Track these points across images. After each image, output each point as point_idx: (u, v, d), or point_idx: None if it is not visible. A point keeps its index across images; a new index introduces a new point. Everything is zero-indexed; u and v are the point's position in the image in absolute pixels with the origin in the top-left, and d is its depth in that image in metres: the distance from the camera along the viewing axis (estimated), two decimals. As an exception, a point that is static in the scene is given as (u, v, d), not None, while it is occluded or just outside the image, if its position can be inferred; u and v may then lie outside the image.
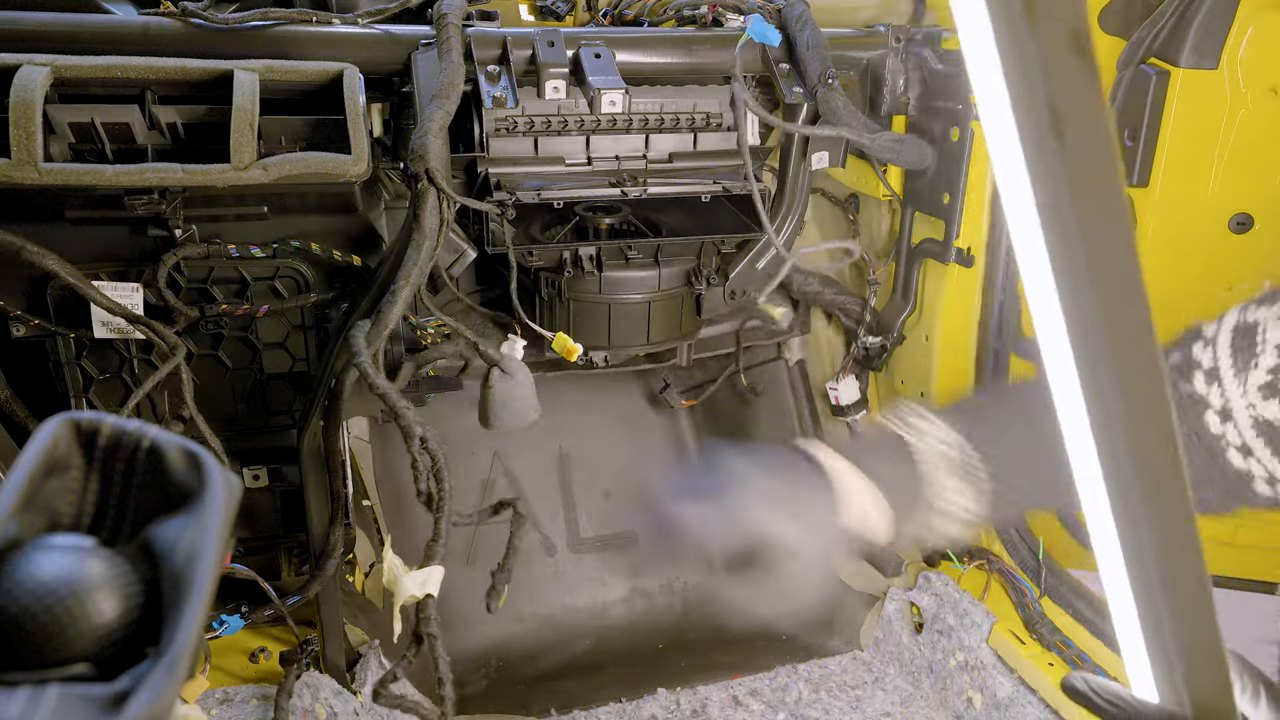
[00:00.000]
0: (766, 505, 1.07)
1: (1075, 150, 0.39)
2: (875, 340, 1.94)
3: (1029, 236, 0.43)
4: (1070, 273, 0.43)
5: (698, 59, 1.63)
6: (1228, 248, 1.57)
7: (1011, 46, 0.39)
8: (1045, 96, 0.39)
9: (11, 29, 1.36)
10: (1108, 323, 0.44)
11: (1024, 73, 0.39)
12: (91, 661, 0.39)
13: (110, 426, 0.44)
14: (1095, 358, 0.46)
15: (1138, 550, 0.52)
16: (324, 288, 1.55)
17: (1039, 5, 0.38)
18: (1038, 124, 0.39)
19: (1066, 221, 0.41)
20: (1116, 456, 0.49)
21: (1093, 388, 0.47)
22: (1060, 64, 0.38)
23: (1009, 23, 0.39)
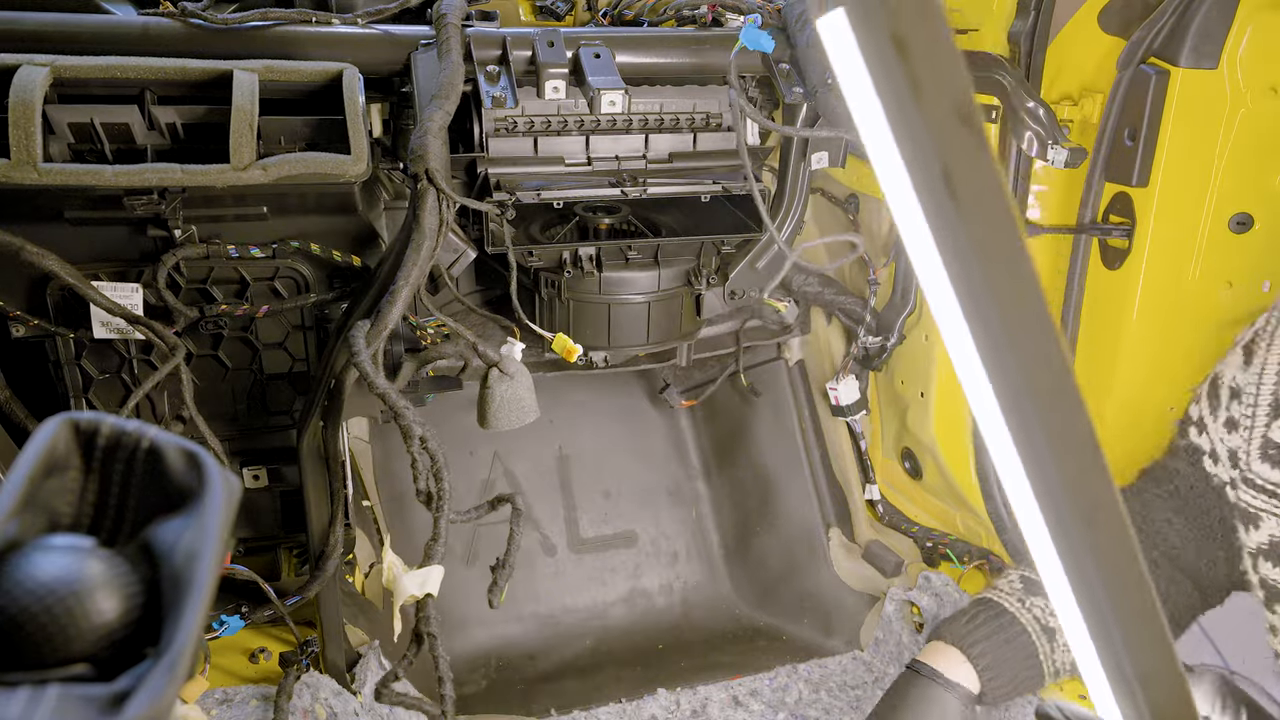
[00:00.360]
0: None
1: (970, 208, 0.44)
2: (875, 340, 1.94)
3: (939, 291, 0.47)
4: (981, 317, 0.46)
5: (697, 59, 1.63)
6: (1228, 248, 1.57)
7: (901, 122, 0.43)
8: (939, 166, 0.43)
9: (11, 29, 1.36)
10: (1019, 358, 0.47)
11: (915, 144, 0.43)
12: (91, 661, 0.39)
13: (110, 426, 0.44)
14: (1015, 391, 0.48)
15: (1086, 587, 0.54)
16: (324, 288, 1.55)
17: (924, 85, 0.42)
18: (934, 188, 0.44)
19: (972, 271, 0.45)
20: (1052, 495, 0.51)
21: (1016, 421, 0.50)
22: (949, 134, 0.42)
23: (898, 102, 0.43)
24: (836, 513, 2.15)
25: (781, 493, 2.21)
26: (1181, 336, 1.60)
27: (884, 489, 2.14)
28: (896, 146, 0.45)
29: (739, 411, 2.30)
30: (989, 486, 1.84)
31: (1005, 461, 0.53)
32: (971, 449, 1.84)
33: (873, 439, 2.15)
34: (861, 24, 0.43)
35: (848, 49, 0.44)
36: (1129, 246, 1.58)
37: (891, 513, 2.12)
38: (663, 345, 1.76)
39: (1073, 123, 1.63)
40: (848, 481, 2.17)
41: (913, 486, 2.08)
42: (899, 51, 0.42)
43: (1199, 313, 1.59)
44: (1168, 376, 1.61)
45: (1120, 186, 1.57)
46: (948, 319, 0.48)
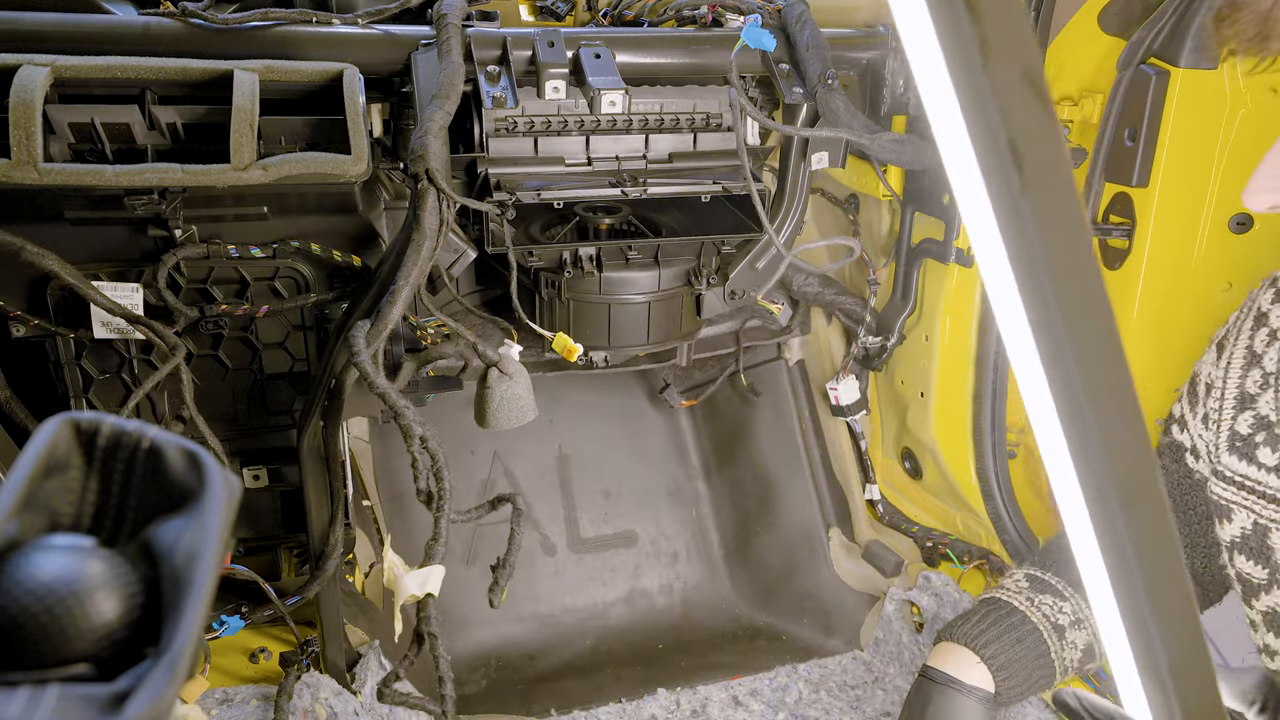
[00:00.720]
0: None
1: (1035, 179, 0.41)
2: (875, 340, 1.94)
3: (998, 268, 0.45)
4: (1042, 305, 0.44)
5: (697, 59, 1.63)
6: (1228, 248, 1.57)
7: (969, 88, 0.41)
8: (1006, 136, 0.41)
9: (11, 29, 1.36)
10: (1077, 344, 0.45)
11: (984, 113, 0.41)
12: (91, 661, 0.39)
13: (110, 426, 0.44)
14: (1069, 380, 0.46)
15: (1126, 574, 0.52)
16: (324, 288, 1.55)
17: (994, 47, 0.39)
18: (1001, 163, 0.41)
19: (1035, 255, 0.43)
20: (1096, 476, 0.49)
21: (1066, 405, 0.48)
22: (1018, 103, 0.40)
23: (966, 65, 0.40)
24: (836, 513, 2.15)
25: (781, 493, 2.21)
26: (1181, 336, 1.60)
27: (884, 489, 2.14)
28: (961, 113, 0.42)
29: (739, 411, 2.30)
30: (989, 486, 1.84)
31: (1050, 434, 0.51)
32: (972, 449, 1.84)
33: (873, 439, 2.15)
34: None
35: (915, 10, 0.42)
36: (1129, 247, 1.58)
37: (891, 513, 2.12)
38: (663, 345, 1.76)
39: (1073, 123, 1.63)
40: (848, 481, 2.17)
41: (913, 486, 2.08)
42: (970, 11, 0.40)
43: (1199, 313, 1.59)
44: (1168, 376, 1.61)
45: (1120, 187, 1.57)
46: (1002, 292, 0.46)
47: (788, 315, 2.05)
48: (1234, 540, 1.10)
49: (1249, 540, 1.08)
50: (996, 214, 0.43)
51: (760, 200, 1.60)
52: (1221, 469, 1.10)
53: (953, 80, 0.42)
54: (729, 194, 1.67)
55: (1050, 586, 1.24)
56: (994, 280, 0.46)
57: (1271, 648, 1.10)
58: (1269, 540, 1.05)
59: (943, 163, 0.46)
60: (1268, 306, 1.09)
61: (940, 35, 0.41)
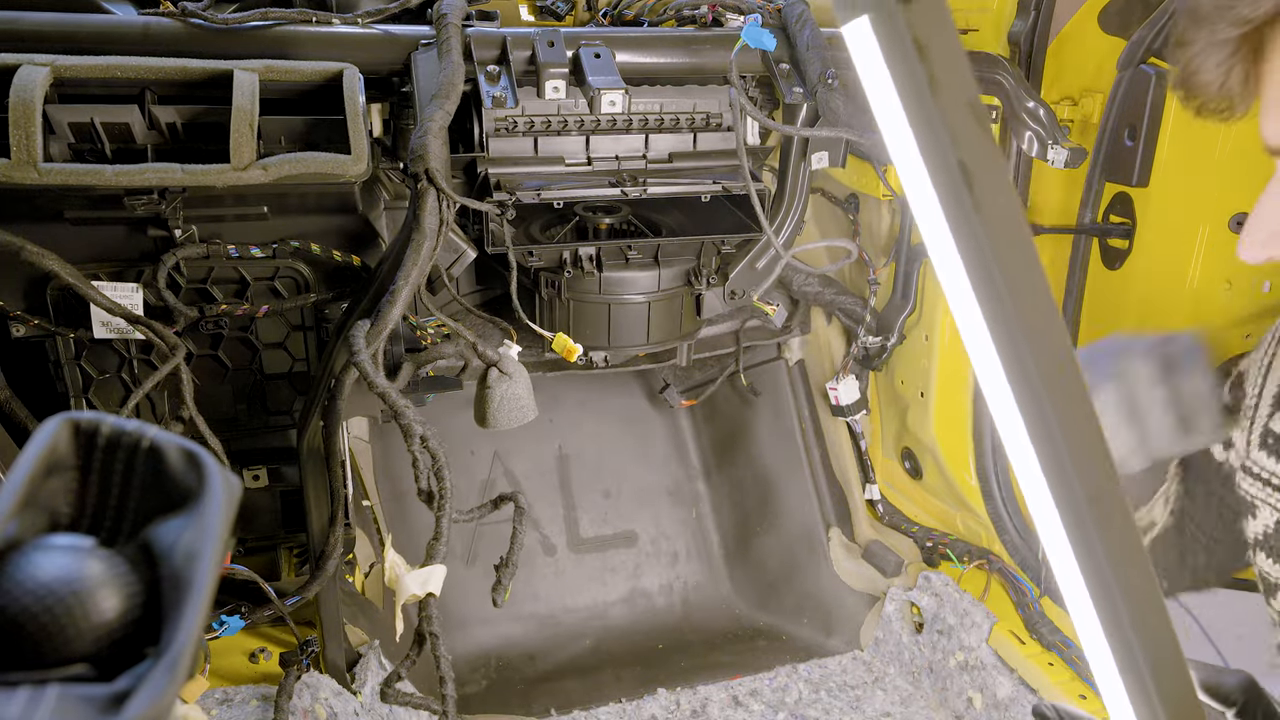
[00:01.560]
0: None
1: (986, 200, 0.48)
2: (875, 340, 1.94)
3: (954, 276, 0.51)
4: (993, 300, 0.50)
5: (697, 59, 1.62)
6: (1228, 248, 1.57)
7: (921, 118, 0.48)
8: (956, 159, 0.47)
9: (11, 29, 1.36)
10: (1029, 338, 0.51)
11: (935, 138, 0.48)
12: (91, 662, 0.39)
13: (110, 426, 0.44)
14: (1025, 373, 0.52)
15: (1103, 586, 0.56)
16: (324, 288, 1.55)
17: (941, 83, 0.47)
18: (952, 181, 0.48)
19: (986, 259, 0.49)
20: (1065, 482, 0.54)
21: (1028, 406, 0.53)
22: (965, 129, 0.47)
23: (918, 100, 0.47)
24: (836, 513, 2.15)
25: (781, 493, 2.21)
26: (1181, 336, 1.60)
27: (884, 489, 2.14)
28: (916, 141, 0.49)
29: (739, 411, 2.30)
30: (989, 486, 1.84)
31: (1019, 453, 0.56)
32: (972, 449, 1.84)
33: (873, 439, 2.15)
34: (884, 29, 0.48)
35: (871, 53, 0.49)
36: (1129, 246, 1.58)
37: (891, 513, 2.12)
38: (663, 345, 1.76)
39: (1073, 123, 1.63)
40: (848, 481, 2.17)
41: (913, 486, 2.08)
42: (920, 53, 0.46)
43: (1199, 313, 1.59)
44: (1168, 376, 1.61)
45: (1120, 186, 1.57)
46: (962, 304, 0.52)
47: (783, 316, 2.05)
48: (1257, 537, 1.10)
49: (1270, 539, 1.08)
50: (951, 227, 0.50)
51: (760, 200, 1.60)
52: (1250, 464, 1.10)
53: (906, 112, 0.49)
54: (729, 194, 1.67)
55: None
56: (951, 285, 0.52)
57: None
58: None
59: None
60: None
61: (894, 74, 0.48)
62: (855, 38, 0.50)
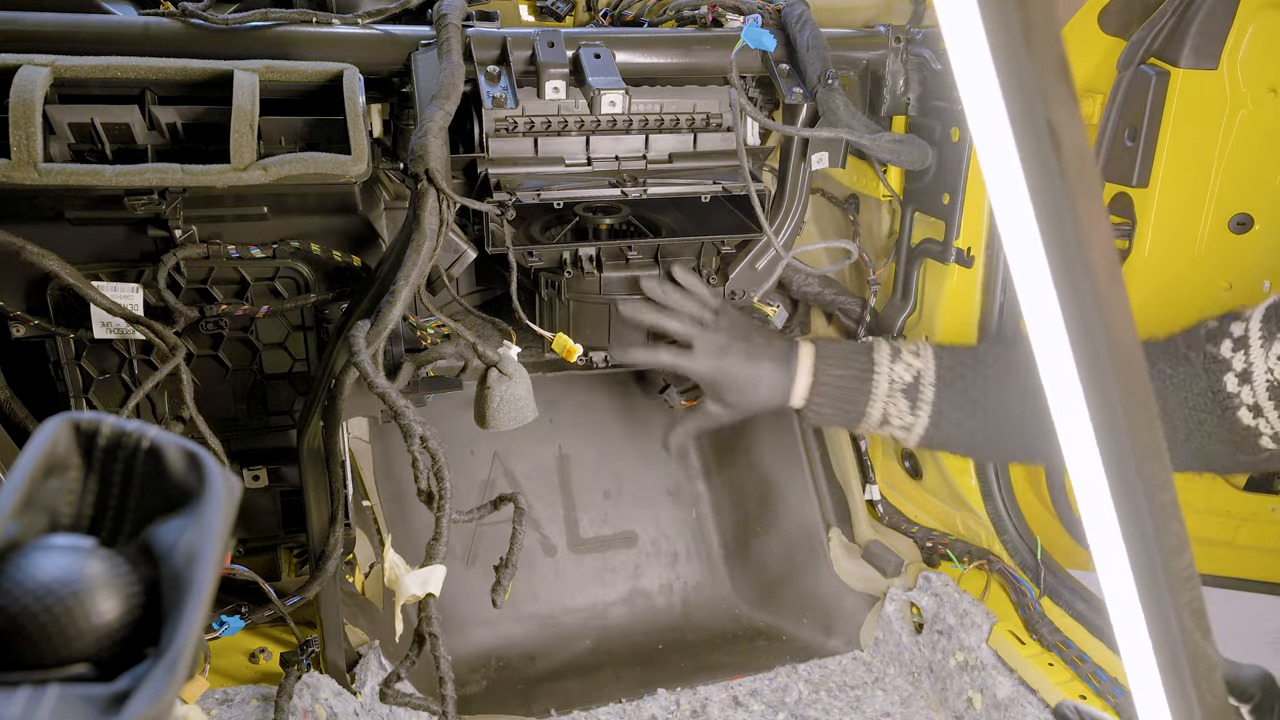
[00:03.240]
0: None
1: (1070, 162, 0.45)
2: (875, 340, 1.94)
3: (1025, 237, 0.48)
4: (1068, 267, 0.48)
5: (697, 59, 1.63)
6: (1228, 248, 1.57)
7: (1011, 69, 0.45)
8: (1045, 118, 0.45)
9: (11, 29, 1.36)
10: (1106, 325, 0.49)
11: (1025, 95, 0.45)
12: (91, 662, 0.39)
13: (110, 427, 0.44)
14: (1094, 349, 0.50)
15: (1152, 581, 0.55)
16: (324, 288, 1.55)
17: (1034, 36, 0.44)
18: (1039, 140, 0.45)
19: (1066, 223, 0.47)
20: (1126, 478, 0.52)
21: (1091, 376, 0.51)
22: (1054, 87, 0.44)
23: (1009, 48, 0.45)
24: (836, 513, 2.15)
25: (781, 493, 2.21)
26: (1181, 337, 1.60)
27: (884, 489, 2.14)
28: (1003, 95, 0.46)
29: (739, 412, 2.30)
30: (989, 487, 1.84)
31: (1071, 419, 0.53)
32: (971, 449, 1.84)
33: (873, 439, 2.15)
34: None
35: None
36: (1129, 247, 1.58)
37: (891, 513, 2.12)
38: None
39: (1073, 123, 1.63)
40: (848, 482, 2.17)
41: (913, 486, 2.08)
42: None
43: (1199, 313, 1.59)
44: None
45: (1120, 187, 1.57)
46: (1029, 263, 0.50)
47: (784, 317, 2.05)
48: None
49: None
50: (1031, 189, 0.47)
51: (760, 201, 1.60)
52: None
53: (994, 62, 0.45)
54: (729, 194, 1.67)
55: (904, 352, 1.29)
56: (1020, 245, 0.50)
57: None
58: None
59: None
60: None
61: (985, 18, 0.45)
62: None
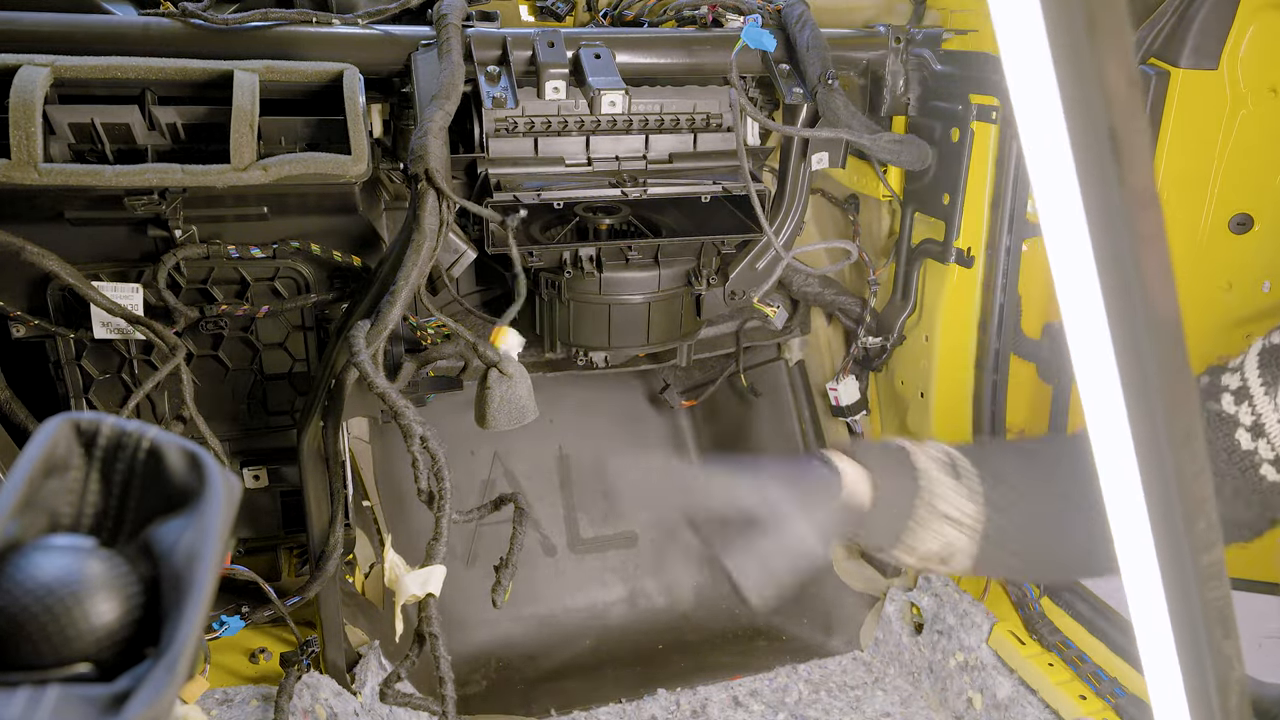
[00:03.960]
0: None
1: (1132, 177, 0.41)
2: (875, 340, 1.94)
3: (1076, 243, 0.44)
4: (1118, 279, 0.44)
5: (697, 60, 1.62)
6: (1228, 248, 1.57)
7: (1072, 67, 0.40)
8: (1108, 125, 0.40)
9: (11, 29, 1.36)
10: (1154, 343, 0.47)
11: (1086, 96, 0.40)
12: (91, 662, 0.39)
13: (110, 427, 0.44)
14: (1140, 359, 0.48)
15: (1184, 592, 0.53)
16: (324, 288, 1.55)
17: (1100, 26, 0.38)
18: (1099, 148, 0.40)
19: (1120, 238, 0.42)
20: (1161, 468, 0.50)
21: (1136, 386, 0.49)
22: (1119, 92, 0.40)
23: (1072, 44, 0.39)
24: (836, 513, 2.15)
25: (781, 493, 2.21)
26: (1182, 337, 1.60)
27: (884, 489, 2.14)
28: (1061, 94, 0.41)
29: (739, 412, 2.30)
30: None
31: (1106, 415, 0.50)
32: (971, 449, 1.84)
33: (873, 439, 2.15)
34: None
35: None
36: (1129, 247, 1.58)
37: (891, 513, 2.12)
38: (663, 345, 1.76)
39: (1073, 123, 1.63)
40: (848, 482, 2.16)
41: (913, 487, 2.08)
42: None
43: (1199, 313, 1.59)
44: (1168, 377, 1.61)
45: (1120, 187, 1.57)
46: (1078, 273, 0.46)
47: (783, 317, 2.05)
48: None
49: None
50: (1085, 198, 0.42)
51: (760, 201, 1.60)
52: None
53: (1054, 58, 0.40)
54: (729, 194, 1.67)
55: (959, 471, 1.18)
56: (1068, 256, 0.45)
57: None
58: None
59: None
60: None
61: (1046, 7, 0.39)
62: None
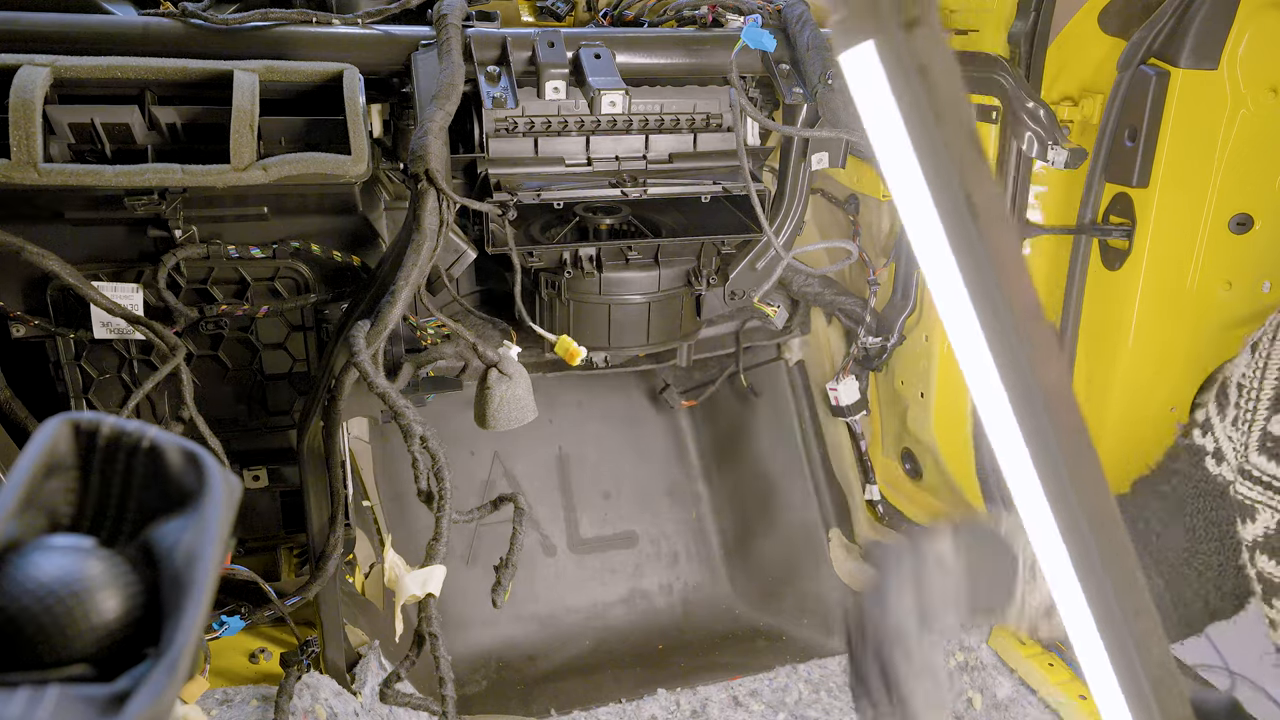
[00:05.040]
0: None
1: (986, 222, 0.50)
2: (875, 340, 1.94)
3: (953, 292, 0.53)
4: (992, 318, 0.52)
5: (697, 60, 1.62)
6: (1228, 248, 1.57)
7: (926, 145, 0.49)
8: (962, 190, 0.49)
9: (11, 29, 1.36)
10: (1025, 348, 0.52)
11: (940, 168, 0.49)
12: (91, 662, 0.39)
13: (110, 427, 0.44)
14: (1023, 388, 0.54)
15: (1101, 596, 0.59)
16: (324, 288, 1.55)
17: (944, 112, 0.48)
18: (957, 209, 0.50)
19: (986, 277, 0.52)
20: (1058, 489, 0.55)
21: (1026, 422, 0.54)
22: (966, 156, 0.48)
23: (922, 125, 0.48)
24: (836, 513, 2.15)
25: (781, 493, 2.21)
26: (1182, 337, 1.60)
27: (884, 489, 2.14)
28: (921, 168, 0.50)
29: (739, 412, 2.30)
30: (989, 487, 1.83)
31: (1015, 467, 0.57)
32: (972, 449, 1.84)
33: (873, 439, 2.15)
34: (889, 56, 0.48)
35: (873, 79, 0.49)
36: (1129, 247, 1.58)
37: (891, 513, 2.12)
38: (663, 346, 1.76)
39: (1073, 123, 1.63)
40: (848, 481, 2.17)
41: (913, 486, 2.08)
42: (923, 79, 0.47)
43: (1199, 313, 1.59)
44: (1168, 377, 1.61)
45: (1120, 187, 1.57)
46: (960, 322, 0.54)
47: (783, 317, 2.05)
48: (1257, 540, 1.10)
49: (1273, 539, 1.08)
50: (954, 249, 0.51)
51: (760, 201, 1.60)
52: (1250, 468, 1.10)
53: (911, 138, 0.49)
54: (729, 194, 1.67)
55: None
56: (949, 303, 0.54)
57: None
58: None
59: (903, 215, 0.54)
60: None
61: (899, 100, 0.48)
62: (856, 64, 0.50)
